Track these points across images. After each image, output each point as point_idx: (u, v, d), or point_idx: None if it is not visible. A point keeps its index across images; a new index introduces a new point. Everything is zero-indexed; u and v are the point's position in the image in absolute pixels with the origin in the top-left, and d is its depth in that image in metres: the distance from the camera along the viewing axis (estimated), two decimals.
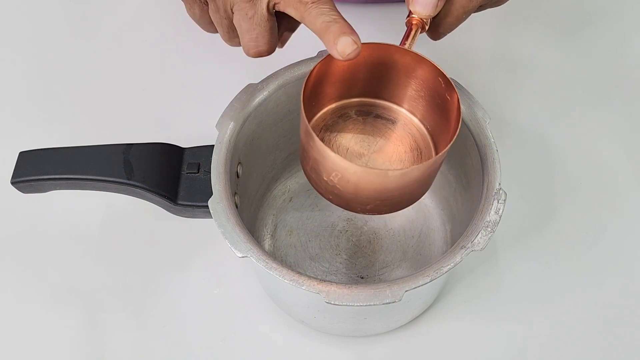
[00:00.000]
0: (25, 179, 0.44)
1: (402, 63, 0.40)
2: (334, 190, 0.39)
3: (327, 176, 0.38)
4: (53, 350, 0.49)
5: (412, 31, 0.40)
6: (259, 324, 0.50)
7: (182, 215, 0.46)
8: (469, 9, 0.41)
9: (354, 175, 0.36)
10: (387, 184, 0.37)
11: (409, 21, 0.40)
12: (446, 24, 0.41)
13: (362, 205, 0.39)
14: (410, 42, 0.39)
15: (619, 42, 0.66)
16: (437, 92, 0.40)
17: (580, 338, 0.49)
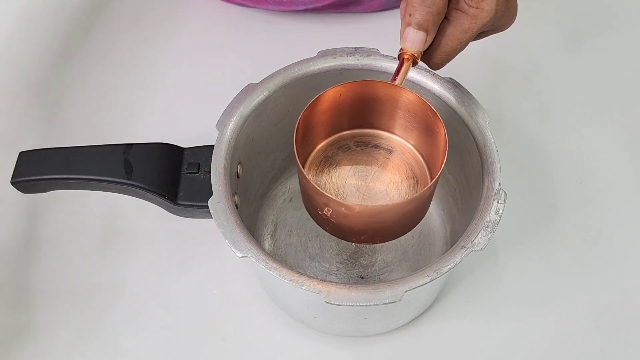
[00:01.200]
0: (25, 179, 0.44)
1: (393, 98, 0.42)
2: (329, 223, 0.40)
3: (320, 211, 0.40)
4: (53, 350, 0.49)
5: (403, 66, 0.41)
6: (259, 324, 0.50)
7: (182, 215, 0.46)
8: (463, 40, 0.41)
9: (345, 211, 0.38)
10: (378, 218, 0.39)
11: (400, 55, 0.41)
12: (440, 55, 0.42)
13: (357, 236, 0.41)
14: (401, 78, 0.41)
15: (619, 43, 0.66)
16: (427, 124, 0.42)
17: (580, 338, 0.49)
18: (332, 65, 0.47)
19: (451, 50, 0.41)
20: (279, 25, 0.66)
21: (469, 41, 0.41)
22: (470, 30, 0.40)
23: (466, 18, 0.40)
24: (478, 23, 0.40)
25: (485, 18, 0.40)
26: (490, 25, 0.42)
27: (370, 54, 0.47)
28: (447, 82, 0.46)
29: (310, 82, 0.47)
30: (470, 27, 0.40)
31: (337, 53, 0.48)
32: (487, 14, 0.40)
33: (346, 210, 0.38)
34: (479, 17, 0.40)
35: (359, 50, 0.47)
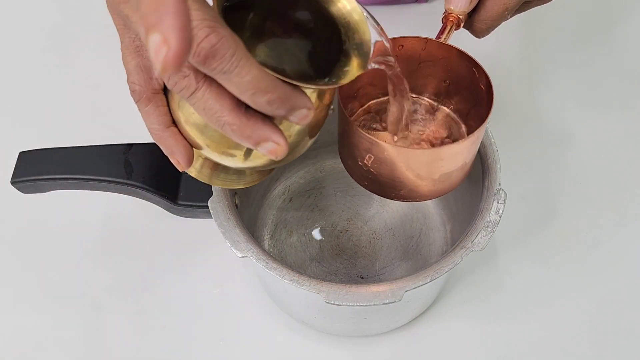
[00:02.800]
0: (25, 179, 0.44)
1: (436, 55, 0.41)
2: (369, 175, 0.39)
3: (361, 160, 0.39)
4: (53, 350, 0.49)
5: (447, 27, 0.41)
6: (259, 324, 0.50)
7: (182, 215, 0.46)
8: (509, 5, 0.40)
9: (387, 156, 0.37)
10: (418, 165, 0.38)
11: (445, 17, 0.41)
12: (485, 20, 0.41)
13: (396, 190, 0.40)
14: (446, 37, 0.40)
15: (620, 43, 0.66)
16: (471, 81, 0.40)
17: (580, 337, 0.49)
18: None
19: (496, 16, 0.41)
20: None
21: (514, 8, 0.41)
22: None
23: None
24: None
25: None
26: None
27: None
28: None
29: None
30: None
31: None
32: None
33: (388, 154, 0.37)
34: None
35: None
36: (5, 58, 0.66)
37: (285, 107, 0.29)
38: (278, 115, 0.30)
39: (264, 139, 0.31)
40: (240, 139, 0.30)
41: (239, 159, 0.35)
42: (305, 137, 0.35)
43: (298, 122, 0.30)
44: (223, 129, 0.30)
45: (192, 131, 0.34)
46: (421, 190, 0.40)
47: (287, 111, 0.30)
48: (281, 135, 0.31)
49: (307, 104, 0.30)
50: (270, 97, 0.28)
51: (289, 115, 0.30)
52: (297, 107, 0.30)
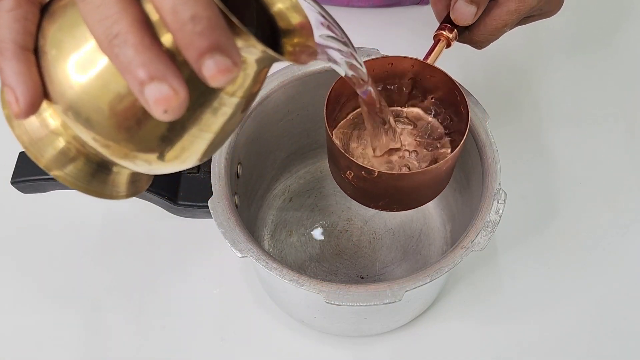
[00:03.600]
0: (25, 179, 0.44)
1: (423, 75, 0.42)
2: (350, 186, 0.41)
3: (343, 174, 0.40)
4: (53, 350, 0.49)
5: (437, 46, 0.42)
6: (259, 324, 0.50)
7: (182, 215, 0.46)
8: (509, 22, 0.41)
9: (365, 175, 0.38)
10: (396, 184, 0.39)
11: (436, 36, 0.42)
12: (484, 34, 0.42)
13: (375, 201, 0.42)
14: (433, 57, 0.42)
15: (620, 43, 0.66)
16: (452, 103, 0.42)
17: (580, 337, 0.49)
18: None
19: (495, 30, 0.41)
20: None
21: (514, 23, 0.41)
22: (517, 12, 0.40)
23: (514, 0, 0.40)
24: (526, 6, 0.40)
25: (533, 1, 0.40)
26: (537, 10, 0.41)
27: (371, 54, 0.47)
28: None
29: (310, 82, 0.47)
30: (517, 8, 0.40)
31: None
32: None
33: (366, 174, 0.38)
34: (527, 0, 0.40)
35: (359, 50, 0.47)
36: None
37: (209, 37, 0.21)
38: (193, 47, 0.21)
39: (159, 76, 0.22)
40: (130, 66, 0.22)
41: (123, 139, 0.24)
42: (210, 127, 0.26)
43: (211, 75, 0.22)
44: (111, 44, 0.22)
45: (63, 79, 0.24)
46: (402, 202, 0.42)
47: (209, 46, 0.21)
48: (183, 85, 0.22)
49: (236, 56, 0.22)
50: (198, 12, 0.21)
51: (206, 56, 0.21)
52: (223, 48, 0.22)
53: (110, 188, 0.29)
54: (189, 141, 0.26)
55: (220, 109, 0.25)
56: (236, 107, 0.26)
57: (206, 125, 0.25)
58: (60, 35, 0.24)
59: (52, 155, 0.26)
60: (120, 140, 0.24)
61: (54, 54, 0.24)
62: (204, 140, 0.26)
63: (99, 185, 0.28)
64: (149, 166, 0.26)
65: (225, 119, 0.26)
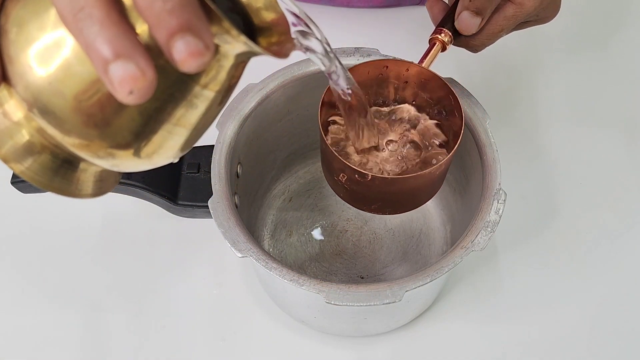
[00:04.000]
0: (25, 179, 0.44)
1: (417, 78, 0.43)
2: (343, 189, 0.41)
3: (337, 176, 0.40)
4: (53, 350, 0.49)
5: (432, 50, 0.42)
6: (259, 324, 0.50)
7: (182, 215, 0.46)
8: (505, 27, 0.41)
9: (358, 178, 0.38)
10: (389, 188, 0.39)
11: (432, 40, 0.42)
12: (481, 39, 0.42)
13: (368, 204, 0.42)
14: (428, 61, 0.42)
15: (620, 43, 0.66)
16: (447, 107, 0.42)
17: (580, 337, 0.49)
18: None
19: (491, 35, 0.42)
20: None
21: (511, 28, 0.42)
22: (514, 18, 0.41)
23: (512, 6, 0.41)
24: (523, 12, 0.40)
25: (530, 7, 0.40)
26: (534, 15, 0.42)
27: (371, 54, 0.47)
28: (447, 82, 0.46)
29: (309, 82, 0.47)
30: (514, 14, 0.41)
31: (336, 53, 0.47)
32: (533, 3, 0.40)
33: (359, 177, 0.38)
34: (525, 6, 0.40)
35: (359, 50, 0.47)
36: None
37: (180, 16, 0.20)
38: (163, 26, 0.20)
39: (125, 54, 0.20)
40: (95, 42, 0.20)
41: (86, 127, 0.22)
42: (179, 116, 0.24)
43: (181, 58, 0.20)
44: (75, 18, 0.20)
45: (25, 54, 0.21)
46: (394, 205, 0.42)
47: (179, 25, 0.20)
48: (151, 66, 0.20)
49: (208, 38, 0.20)
50: None
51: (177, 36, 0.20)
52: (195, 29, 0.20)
53: (75, 186, 0.26)
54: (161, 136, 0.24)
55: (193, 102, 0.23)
56: (210, 101, 0.24)
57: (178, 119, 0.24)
58: (23, 12, 0.22)
59: (12, 148, 0.24)
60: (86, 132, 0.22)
61: (15, 32, 0.22)
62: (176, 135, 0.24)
63: (62, 182, 0.26)
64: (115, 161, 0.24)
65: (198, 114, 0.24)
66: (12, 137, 0.24)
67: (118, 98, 0.20)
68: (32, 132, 0.24)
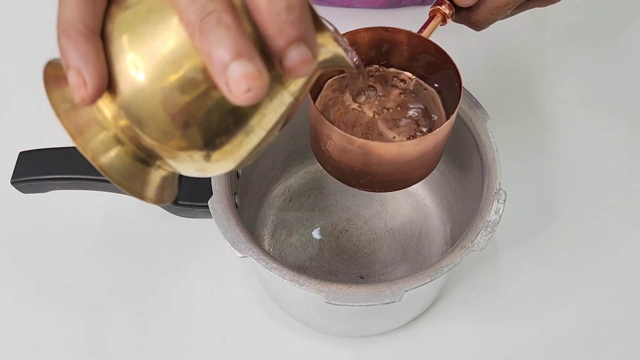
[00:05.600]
0: (25, 179, 0.44)
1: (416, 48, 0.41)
2: (331, 161, 0.39)
3: (324, 145, 0.38)
4: (53, 350, 0.49)
5: (432, 21, 0.40)
6: (259, 324, 0.50)
7: (182, 215, 0.46)
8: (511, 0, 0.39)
9: (346, 144, 0.36)
10: (378, 158, 0.37)
11: (432, 12, 0.41)
12: (484, 12, 0.40)
13: (356, 179, 0.39)
14: (428, 32, 0.40)
15: (620, 42, 0.66)
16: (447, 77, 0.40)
17: (580, 338, 0.49)
18: None
19: (495, 10, 0.40)
20: None
21: (516, 3, 0.40)
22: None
23: None
24: None
25: None
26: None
27: None
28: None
29: None
30: None
31: None
32: None
33: (347, 143, 0.36)
34: None
35: None
36: (5, 57, 0.66)
37: (299, 28, 0.22)
38: (284, 35, 0.22)
39: (247, 55, 0.22)
40: (219, 42, 0.22)
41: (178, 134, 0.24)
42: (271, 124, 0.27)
43: (294, 66, 0.23)
44: (202, 21, 0.22)
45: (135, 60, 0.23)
46: (384, 181, 0.39)
47: (297, 35, 0.22)
48: (266, 68, 0.22)
49: (316, 49, 0.23)
50: (292, 2, 0.22)
51: (293, 45, 0.22)
52: (308, 40, 0.23)
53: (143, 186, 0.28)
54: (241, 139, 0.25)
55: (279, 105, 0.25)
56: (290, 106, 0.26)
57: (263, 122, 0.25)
58: (134, 20, 0.24)
59: (99, 144, 0.26)
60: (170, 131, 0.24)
61: (124, 40, 0.24)
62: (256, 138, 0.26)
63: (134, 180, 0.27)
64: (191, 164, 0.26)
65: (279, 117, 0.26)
66: (101, 135, 0.25)
67: (232, 96, 0.22)
68: (118, 129, 0.25)
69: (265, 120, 0.25)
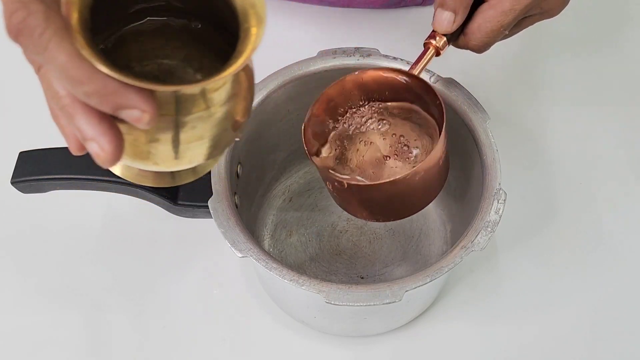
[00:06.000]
0: (25, 179, 0.44)
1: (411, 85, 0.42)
2: (334, 195, 0.41)
3: (327, 183, 0.41)
4: (53, 350, 0.49)
5: (425, 55, 0.41)
6: (259, 324, 0.50)
7: (182, 215, 0.46)
8: (504, 22, 0.40)
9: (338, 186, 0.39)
10: (368, 195, 0.39)
11: (425, 45, 0.41)
12: (480, 37, 0.41)
13: (357, 211, 0.42)
14: (420, 67, 0.41)
15: (620, 43, 0.66)
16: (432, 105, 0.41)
17: (580, 338, 0.49)
18: (332, 65, 0.47)
19: (491, 33, 0.41)
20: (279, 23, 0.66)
21: (511, 25, 0.40)
22: (513, 12, 0.40)
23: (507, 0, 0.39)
24: (521, 4, 0.39)
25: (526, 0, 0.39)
26: (537, 9, 0.41)
27: (371, 54, 0.47)
28: (447, 82, 0.46)
29: (310, 82, 0.47)
30: (512, 8, 0.39)
31: (337, 53, 0.48)
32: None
33: (339, 185, 0.38)
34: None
35: (359, 50, 0.48)
36: (5, 57, 0.66)
37: (108, 103, 0.26)
38: (106, 111, 0.27)
39: (89, 137, 0.27)
40: (72, 131, 0.29)
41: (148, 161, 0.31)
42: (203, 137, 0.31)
43: (132, 122, 0.27)
44: (55, 115, 0.30)
45: None
46: (383, 212, 0.41)
47: (112, 108, 0.26)
48: (111, 141, 0.27)
49: (141, 104, 0.26)
50: (87, 89, 0.26)
51: (118, 114, 0.26)
52: (125, 105, 0.26)
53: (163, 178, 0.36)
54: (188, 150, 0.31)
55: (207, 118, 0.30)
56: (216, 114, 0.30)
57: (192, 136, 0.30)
58: None
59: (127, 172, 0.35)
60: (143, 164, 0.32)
61: None
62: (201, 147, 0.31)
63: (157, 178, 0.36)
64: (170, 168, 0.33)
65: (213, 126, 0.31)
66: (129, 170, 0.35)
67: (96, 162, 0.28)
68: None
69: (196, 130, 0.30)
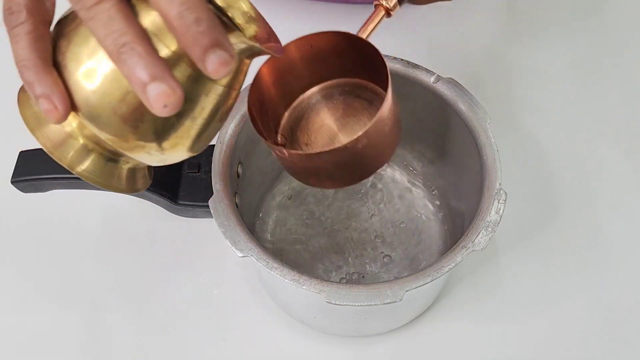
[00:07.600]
0: (25, 179, 0.44)
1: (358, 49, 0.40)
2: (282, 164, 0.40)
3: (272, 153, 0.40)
4: (53, 350, 0.49)
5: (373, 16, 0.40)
6: (259, 324, 0.50)
7: (182, 215, 0.46)
8: None
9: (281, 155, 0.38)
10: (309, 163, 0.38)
11: (376, 5, 0.40)
12: None
13: (304, 178, 0.41)
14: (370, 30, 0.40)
15: (620, 43, 0.66)
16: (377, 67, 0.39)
17: (581, 338, 0.49)
18: None
19: None
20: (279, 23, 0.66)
21: None
22: None
23: None
24: None
25: None
26: None
27: None
28: (447, 82, 0.46)
29: None
30: None
31: None
32: None
33: (280, 154, 0.38)
34: None
35: None
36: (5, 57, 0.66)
37: (210, 36, 0.25)
38: (198, 45, 0.26)
39: (159, 77, 0.26)
40: (135, 69, 0.26)
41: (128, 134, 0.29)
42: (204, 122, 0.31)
43: (214, 68, 0.26)
44: (119, 52, 0.26)
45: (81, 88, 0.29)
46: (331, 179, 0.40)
47: (210, 43, 0.26)
48: (179, 85, 0.26)
49: (232, 50, 0.26)
50: (200, 15, 0.25)
51: (210, 51, 0.26)
52: (222, 44, 0.26)
53: (115, 180, 0.34)
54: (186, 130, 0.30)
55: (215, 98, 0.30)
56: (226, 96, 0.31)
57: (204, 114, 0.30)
58: (77, 49, 0.29)
59: (72, 154, 0.31)
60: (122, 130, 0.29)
61: (73, 66, 0.29)
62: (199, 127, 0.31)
63: (107, 177, 0.33)
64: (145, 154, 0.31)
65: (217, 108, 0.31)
66: (72, 146, 0.31)
67: (154, 111, 0.27)
68: (84, 137, 0.31)
69: (205, 112, 0.30)
